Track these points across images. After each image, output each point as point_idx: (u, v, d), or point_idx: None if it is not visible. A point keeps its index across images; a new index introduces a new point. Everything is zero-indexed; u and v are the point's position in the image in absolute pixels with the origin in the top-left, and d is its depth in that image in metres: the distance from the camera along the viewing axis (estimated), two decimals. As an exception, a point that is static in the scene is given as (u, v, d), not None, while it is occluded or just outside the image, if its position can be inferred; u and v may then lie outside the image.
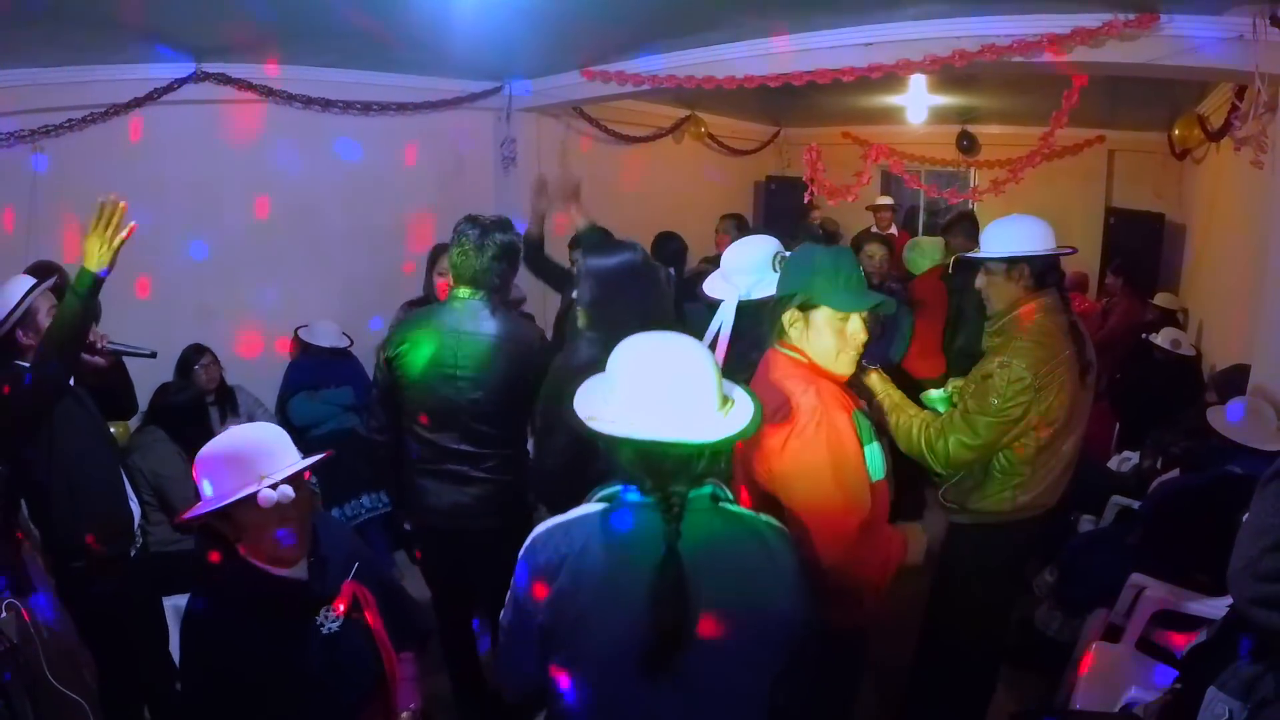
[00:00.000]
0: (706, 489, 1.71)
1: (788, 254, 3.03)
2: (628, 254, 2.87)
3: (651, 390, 1.66)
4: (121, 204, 2.76)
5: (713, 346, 2.84)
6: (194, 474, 2.03)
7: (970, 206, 8.87)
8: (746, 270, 2.98)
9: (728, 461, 1.90)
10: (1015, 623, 3.79)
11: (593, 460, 2.69)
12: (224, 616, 2.03)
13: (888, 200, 9.01)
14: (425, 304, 4.47)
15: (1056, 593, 4.06)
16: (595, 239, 3.60)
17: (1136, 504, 4.34)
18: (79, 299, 2.75)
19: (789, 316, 2.35)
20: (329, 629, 2.11)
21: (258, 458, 2.00)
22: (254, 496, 1.92)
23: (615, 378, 1.71)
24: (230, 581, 2.08)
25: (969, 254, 3.44)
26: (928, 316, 5.22)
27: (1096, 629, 3.62)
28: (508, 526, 3.13)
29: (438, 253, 4.49)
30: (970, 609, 3.21)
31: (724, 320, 2.94)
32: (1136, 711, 2.91)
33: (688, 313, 3.58)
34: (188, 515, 2.02)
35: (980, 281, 3.16)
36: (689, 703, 1.67)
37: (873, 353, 2.71)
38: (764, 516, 1.81)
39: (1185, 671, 2.61)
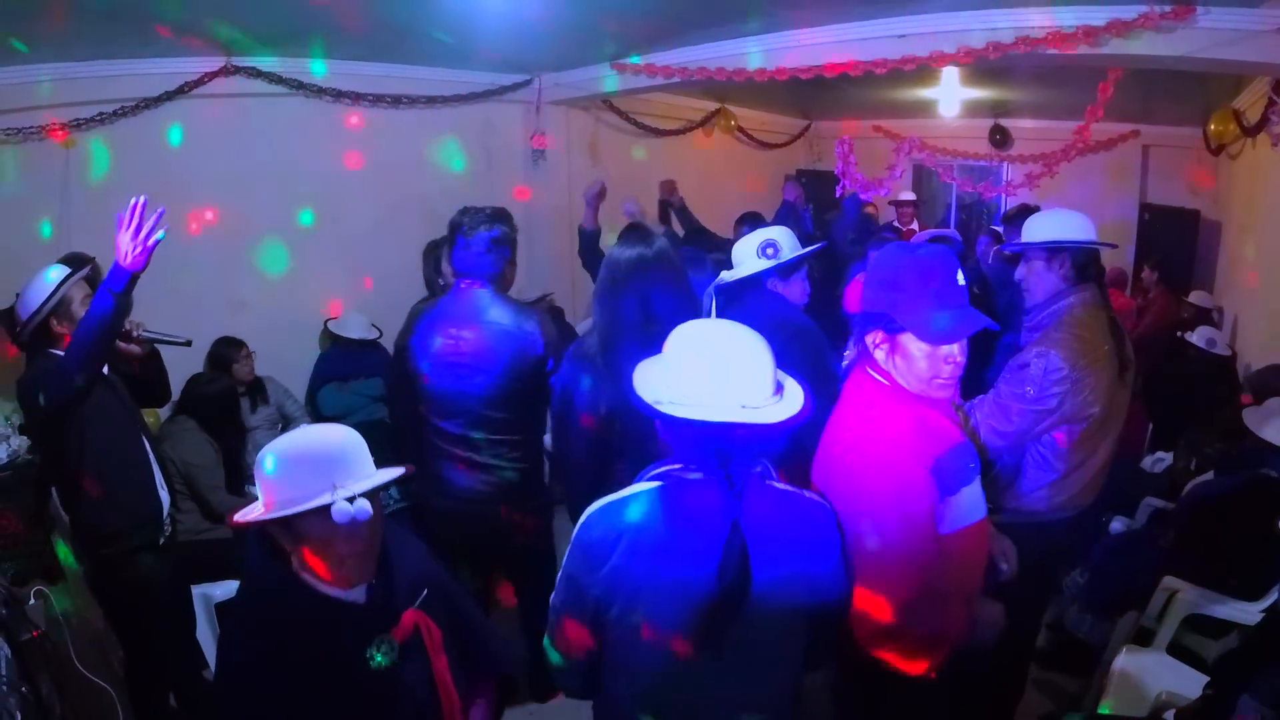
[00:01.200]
0: (758, 468, 1.80)
1: (774, 241, 3.29)
2: (641, 247, 2.86)
3: (715, 373, 1.71)
4: (156, 208, 2.81)
5: None
6: (258, 471, 1.80)
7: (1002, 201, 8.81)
8: (739, 259, 3.31)
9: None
10: (1045, 624, 3.76)
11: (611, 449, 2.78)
12: (264, 631, 1.82)
13: (910, 196, 8.93)
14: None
15: (1087, 594, 4.01)
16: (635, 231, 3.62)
17: (1169, 505, 4.28)
18: (110, 294, 2.78)
19: (872, 338, 2.09)
20: (380, 662, 1.83)
21: (334, 464, 1.78)
22: (327, 508, 1.70)
23: (677, 361, 1.76)
24: (275, 595, 1.84)
25: (1010, 244, 3.42)
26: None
27: (1127, 632, 3.58)
28: (524, 512, 3.15)
29: (434, 248, 4.58)
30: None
31: (705, 305, 3.11)
32: (1166, 716, 2.88)
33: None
34: (246, 518, 1.79)
35: (1021, 272, 3.13)
36: (736, 669, 1.75)
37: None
38: (808, 494, 1.88)
39: (1216, 676, 2.57)
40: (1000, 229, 6.14)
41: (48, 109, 4.44)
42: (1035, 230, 3.07)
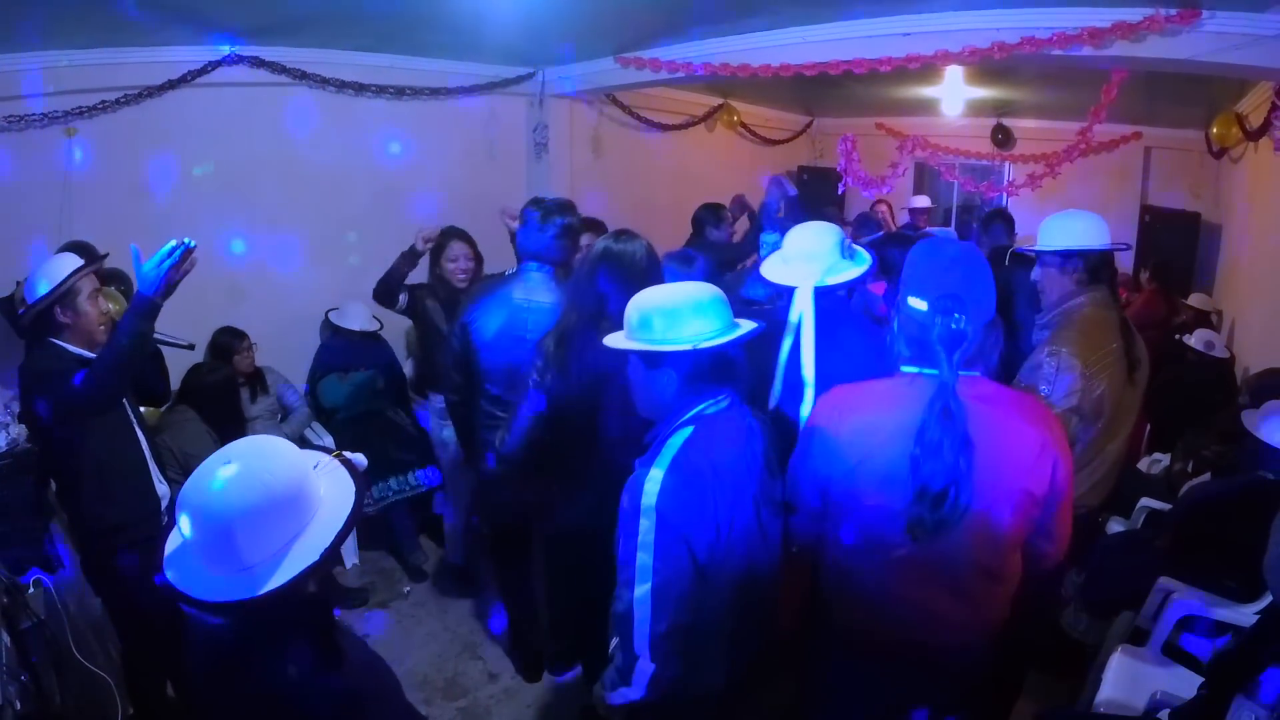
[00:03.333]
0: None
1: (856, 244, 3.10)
2: (609, 241, 2.90)
3: (690, 310, 2.10)
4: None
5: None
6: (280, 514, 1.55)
7: (1004, 203, 8.81)
8: (815, 256, 2.94)
9: None
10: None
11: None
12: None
13: (925, 202, 8.90)
14: (433, 289, 4.72)
15: (1083, 594, 4.02)
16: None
17: (1166, 507, 4.29)
18: (132, 317, 2.82)
19: None
20: None
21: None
22: None
23: (676, 311, 2.10)
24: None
25: (1025, 248, 3.43)
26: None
27: (1122, 632, 3.59)
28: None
29: (446, 238, 4.69)
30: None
31: (804, 309, 2.86)
32: (1160, 716, 2.89)
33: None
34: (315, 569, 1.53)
35: (1036, 274, 3.16)
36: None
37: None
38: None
39: (1211, 678, 2.58)
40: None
41: (50, 97, 4.42)
42: (1050, 235, 3.10)
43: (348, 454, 1.74)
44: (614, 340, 2.20)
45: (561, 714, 3.86)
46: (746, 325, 2.14)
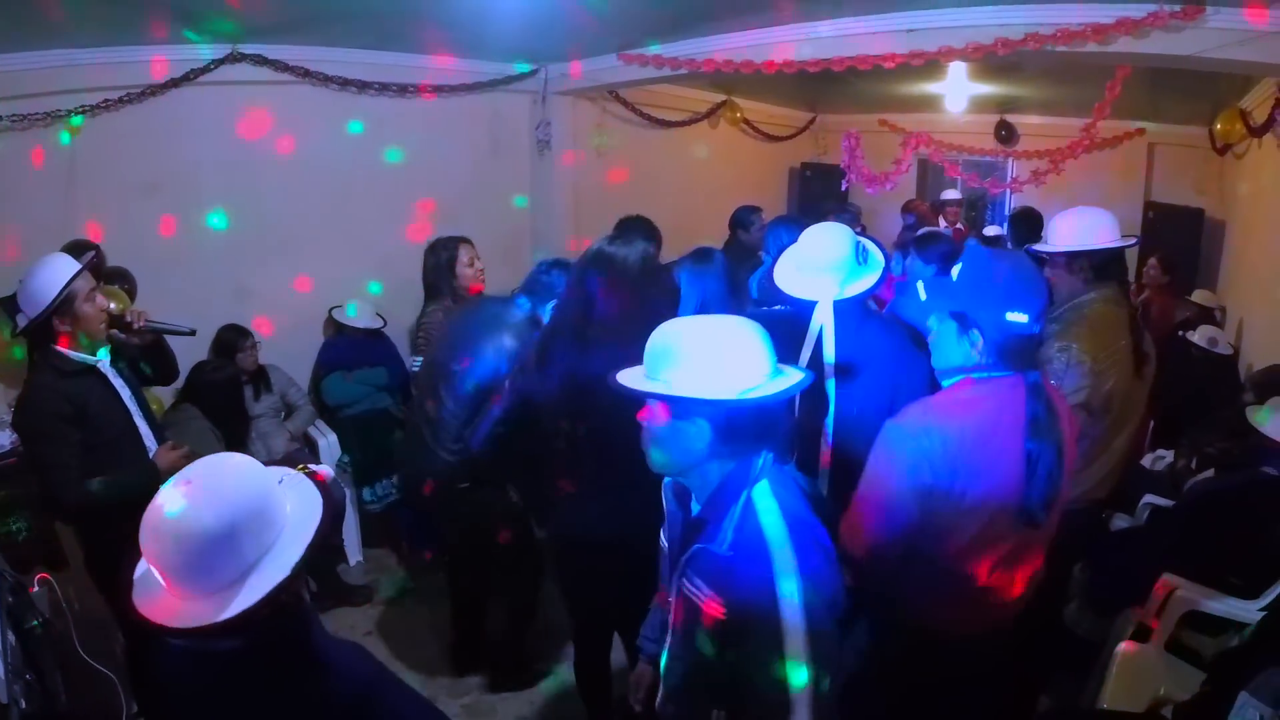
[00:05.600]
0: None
1: (868, 242, 2.97)
2: (602, 243, 2.83)
3: (740, 356, 1.72)
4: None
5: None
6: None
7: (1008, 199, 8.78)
8: (832, 265, 2.81)
9: None
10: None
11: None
12: None
13: (955, 195, 8.86)
14: (452, 301, 4.42)
15: (1087, 591, 4.02)
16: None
17: (1170, 503, 4.29)
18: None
19: None
20: None
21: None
22: None
23: (714, 352, 1.72)
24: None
25: (1033, 247, 3.44)
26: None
27: (1126, 629, 3.59)
28: None
29: (445, 246, 4.47)
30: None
31: (824, 323, 2.78)
32: (1164, 713, 2.89)
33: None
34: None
35: (1047, 272, 3.17)
36: None
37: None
38: None
39: (1214, 674, 2.58)
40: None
41: (54, 95, 4.42)
42: (1055, 235, 3.13)
43: (312, 465, 1.71)
44: (632, 380, 1.78)
45: (565, 711, 3.85)
46: (793, 373, 1.78)
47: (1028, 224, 6.27)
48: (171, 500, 1.48)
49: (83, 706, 2.90)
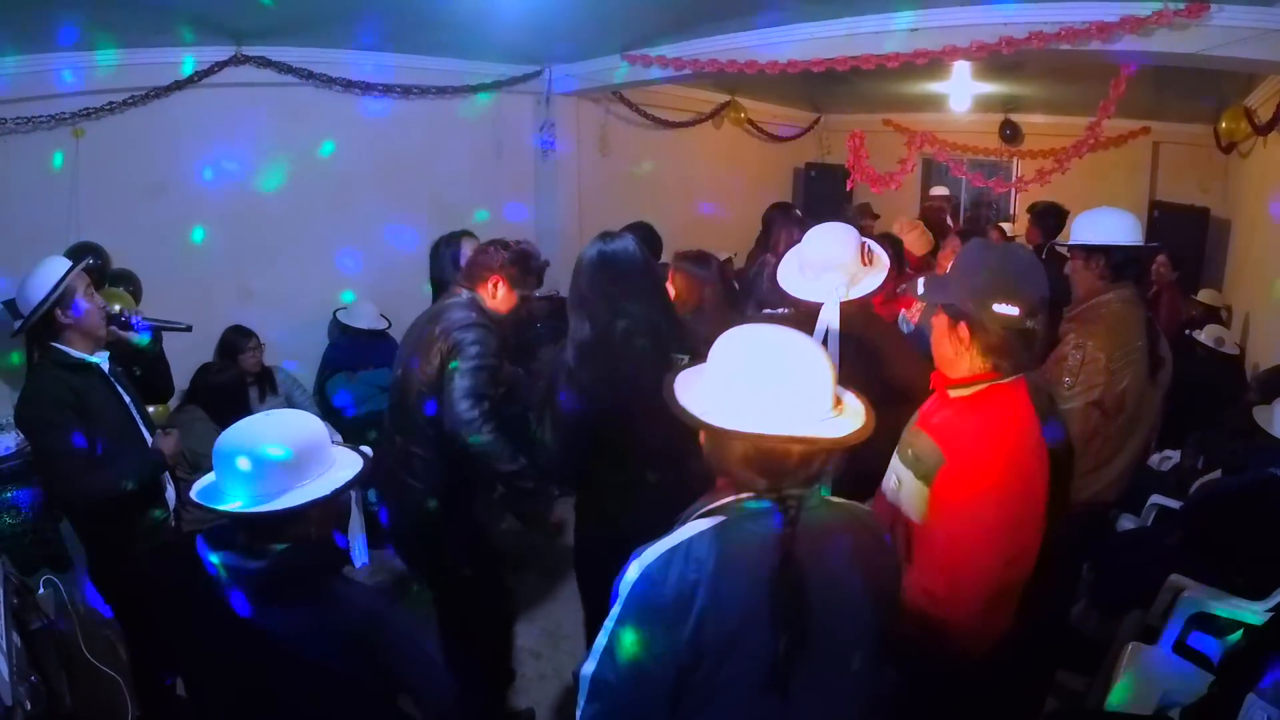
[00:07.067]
0: (821, 489, 1.62)
1: (873, 244, 2.94)
2: (599, 244, 2.80)
3: (772, 384, 1.50)
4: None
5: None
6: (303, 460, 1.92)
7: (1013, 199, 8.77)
8: (837, 266, 2.78)
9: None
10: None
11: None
12: None
13: (943, 190, 8.89)
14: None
15: (1094, 591, 4.01)
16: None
17: (1176, 504, 4.27)
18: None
19: None
20: None
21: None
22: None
23: (726, 371, 1.55)
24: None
25: (1059, 243, 3.46)
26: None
27: (1133, 630, 3.57)
28: None
29: (448, 243, 4.40)
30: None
31: (830, 322, 2.74)
32: (1171, 714, 2.88)
33: None
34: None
35: (1067, 268, 3.22)
36: (820, 704, 1.57)
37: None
38: (858, 505, 1.73)
39: (1222, 676, 2.57)
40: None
41: (58, 98, 4.43)
42: (1077, 231, 3.15)
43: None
44: (693, 402, 1.57)
45: (566, 711, 3.84)
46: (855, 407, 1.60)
47: (1055, 218, 6.29)
48: (264, 420, 1.96)
49: (87, 709, 2.89)
